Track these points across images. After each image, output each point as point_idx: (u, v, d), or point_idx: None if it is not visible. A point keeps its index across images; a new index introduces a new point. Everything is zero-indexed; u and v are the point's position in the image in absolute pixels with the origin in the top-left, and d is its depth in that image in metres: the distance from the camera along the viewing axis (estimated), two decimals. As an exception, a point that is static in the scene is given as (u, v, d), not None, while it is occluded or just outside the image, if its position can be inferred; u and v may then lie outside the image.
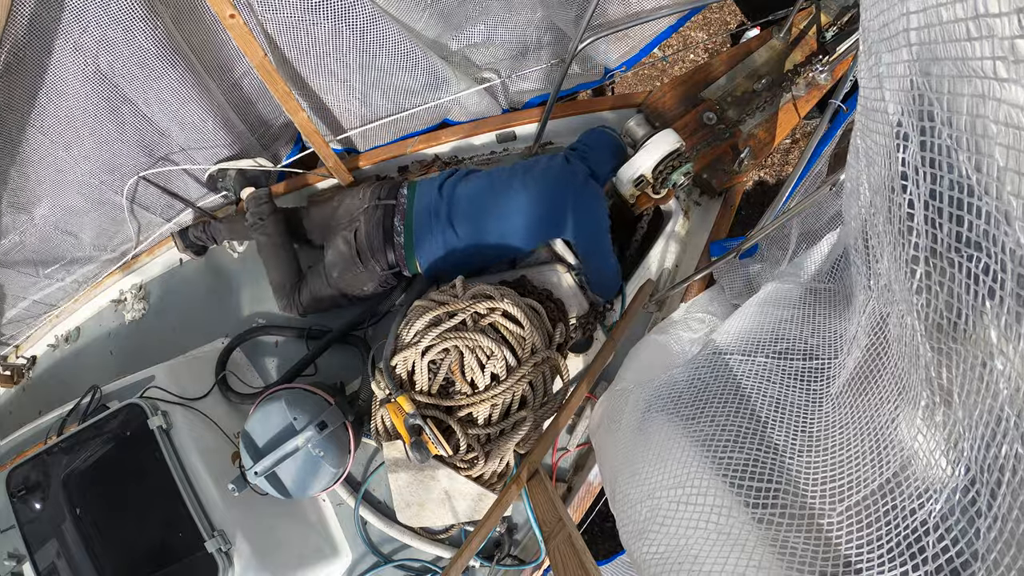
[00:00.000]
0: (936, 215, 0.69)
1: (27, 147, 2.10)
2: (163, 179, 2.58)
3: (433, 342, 1.99)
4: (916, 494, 0.80)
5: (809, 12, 2.74)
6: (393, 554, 2.40)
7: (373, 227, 2.35)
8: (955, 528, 0.69)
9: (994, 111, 0.58)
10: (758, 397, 1.28)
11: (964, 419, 0.68)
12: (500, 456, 1.99)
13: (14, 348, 3.03)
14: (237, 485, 2.01)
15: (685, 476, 1.21)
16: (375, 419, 2.11)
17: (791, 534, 0.95)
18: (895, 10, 0.81)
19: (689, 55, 4.10)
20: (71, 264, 2.73)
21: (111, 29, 1.87)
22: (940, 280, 0.71)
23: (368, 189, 2.44)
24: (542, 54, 2.73)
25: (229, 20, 1.76)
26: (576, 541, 1.43)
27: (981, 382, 0.65)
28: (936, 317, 0.72)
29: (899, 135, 0.82)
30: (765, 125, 2.65)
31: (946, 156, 0.69)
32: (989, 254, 0.62)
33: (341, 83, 2.43)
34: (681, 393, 1.47)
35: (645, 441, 1.45)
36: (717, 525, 1.06)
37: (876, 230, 0.97)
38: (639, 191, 2.51)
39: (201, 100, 2.27)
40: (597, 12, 2.17)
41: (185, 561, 1.99)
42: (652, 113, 2.68)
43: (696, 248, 2.59)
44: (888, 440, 0.92)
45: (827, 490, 0.99)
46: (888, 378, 0.97)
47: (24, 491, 2.13)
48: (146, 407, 2.11)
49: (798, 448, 1.11)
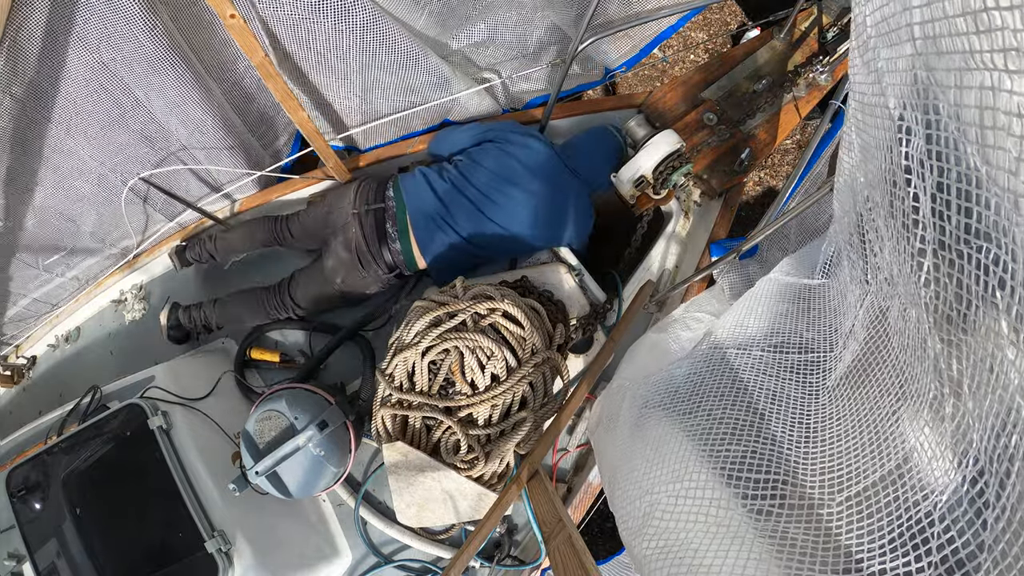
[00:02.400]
0: (944, 207, 0.70)
1: (27, 128, 2.09)
2: (164, 178, 2.57)
3: (433, 342, 1.99)
4: (920, 486, 0.80)
5: (809, 13, 2.76)
6: (393, 554, 2.39)
7: (368, 232, 2.34)
8: (962, 519, 0.69)
9: (1005, 103, 0.58)
10: (754, 390, 1.28)
11: (974, 410, 0.68)
12: (500, 457, 1.99)
13: (14, 348, 3.02)
14: (238, 485, 2.01)
15: (683, 470, 1.21)
16: (376, 419, 2.10)
17: (791, 525, 0.96)
18: (896, 4, 0.81)
19: (689, 55, 4.11)
20: (71, 256, 2.72)
21: (111, 24, 1.87)
22: (949, 272, 0.71)
23: (356, 193, 2.43)
24: (542, 54, 2.74)
25: (229, 20, 1.76)
26: (576, 542, 1.43)
27: (991, 373, 0.65)
28: (945, 309, 0.72)
29: (901, 129, 0.82)
30: (766, 126, 2.66)
31: (953, 149, 0.69)
32: (999, 245, 0.62)
33: (341, 83, 2.43)
34: (678, 388, 1.47)
35: (642, 437, 1.45)
36: (716, 518, 1.06)
37: (874, 224, 0.97)
38: (639, 191, 2.52)
39: (201, 99, 2.27)
40: (597, 12, 2.18)
41: (185, 561, 1.98)
42: (652, 113, 2.68)
43: (696, 249, 2.59)
44: (889, 433, 0.92)
45: (825, 481, 0.99)
46: (888, 371, 0.98)
47: (24, 491, 2.12)
48: (146, 407, 2.10)
49: (795, 440, 1.11)
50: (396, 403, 2.06)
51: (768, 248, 2.47)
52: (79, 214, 2.57)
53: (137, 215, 2.70)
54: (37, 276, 2.72)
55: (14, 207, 2.35)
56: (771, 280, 1.56)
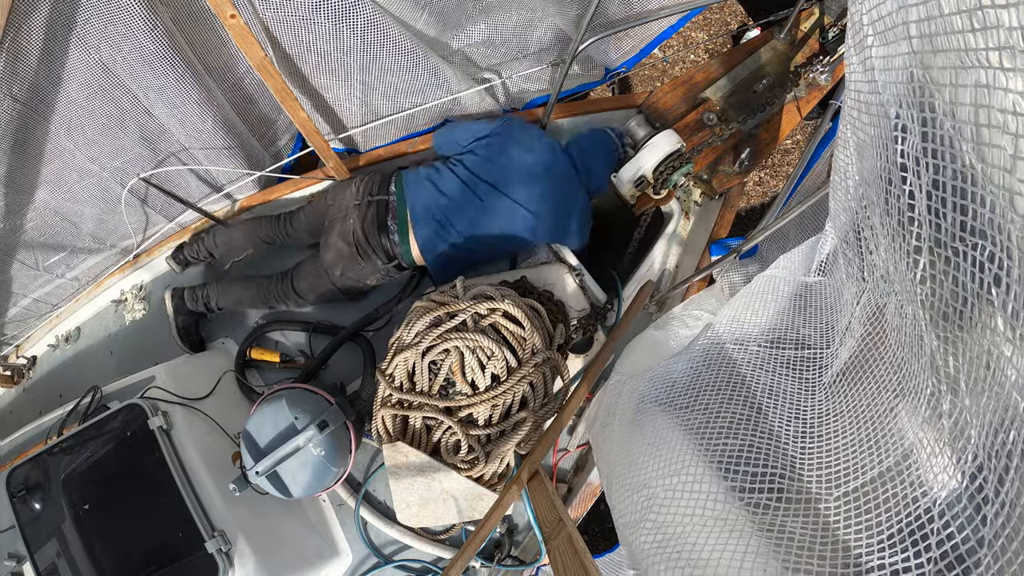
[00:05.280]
0: (940, 205, 0.70)
1: (27, 129, 2.09)
2: (164, 179, 2.57)
3: (433, 343, 1.99)
4: (919, 483, 0.80)
5: (810, 12, 2.76)
6: (394, 555, 2.40)
7: (369, 224, 2.34)
8: (961, 515, 0.69)
9: (1000, 100, 0.59)
10: (751, 385, 1.28)
11: (972, 407, 0.68)
12: (500, 457, 1.99)
13: (14, 348, 3.03)
14: (238, 485, 2.01)
15: (680, 464, 1.21)
16: (376, 419, 2.10)
17: (788, 519, 0.96)
18: (892, 3, 0.81)
19: (689, 55, 4.11)
20: (71, 256, 2.72)
21: (111, 24, 1.87)
22: (945, 269, 0.71)
23: (359, 184, 2.42)
24: (543, 54, 2.74)
25: (230, 20, 1.77)
26: (576, 542, 1.43)
27: (988, 369, 0.66)
28: (941, 306, 0.72)
29: (897, 127, 0.82)
30: (766, 126, 2.66)
31: (948, 146, 0.69)
32: (994, 242, 0.62)
33: (342, 83, 2.43)
34: (675, 382, 1.47)
35: (640, 431, 1.45)
36: (714, 512, 1.06)
37: (870, 222, 0.97)
38: (639, 191, 2.52)
39: (201, 99, 2.27)
40: (598, 12, 2.18)
41: (185, 561, 1.98)
42: (653, 113, 2.68)
43: (696, 249, 2.59)
44: (887, 429, 0.92)
45: (823, 476, 0.99)
46: (886, 368, 0.98)
47: (24, 491, 2.13)
48: (146, 407, 2.10)
49: (792, 435, 1.11)
50: (396, 403, 2.06)
51: (768, 248, 2.47)
52: (79, 214, 2.57)
53: (137, 215, 2.71)
54: (37, 277, 2.73)
55: (14, 208, 2.35)
56: (768, 277, 1.57)
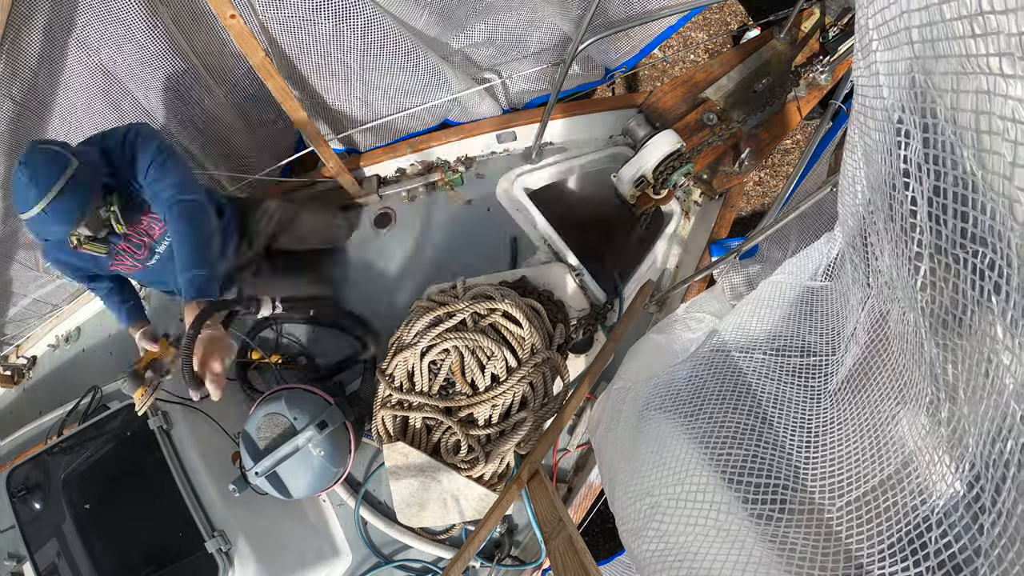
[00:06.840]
0: (940, 211, 0.69)
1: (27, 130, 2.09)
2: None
3: (433, 342, 1.99)
4: (918, 491, 0.80)
5: (810, 12, 2.75)
6: (394, 555, 2.40)
7: None
8: (958, 524, 0.69)
9: (1000, 107, 0.58)
10: (756, 394, 1.27)
11: (970, 415, 0.68)
12: (500, 457, 1.99)
13: (15, 348, 3.03)
14: (238, 485, 2.01)
15: (684, 473, 1.21)
16: (376, 420, 2.10)
17: (791, 529, 0.95)
18: (895, 8, 0.81)
19: (689, 55, 4.10)
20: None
21: (112, 26, 1.87)
22: (945, 276, 0.71)
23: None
24: (543, 54, 2.73)
25: (230, 20, 1.77)
26: (576, 542, 1.43)
27: (987, 377, 0.65)
28: (941, 313, 0.72)
29: (900, 132, 0.82)
30: (766, 125, 2.66)
31: (949, 153, 0.69)
32: (995, 250, 0.62)
33: (342, 83, 2.43)
34: (679, 390, 1.46)
35: (644, 438, 1.45)
36: (716, 522, 1.06)
37: (876, 228, 0.97)
38: (639, 191, 2.51)
39: (201, 100, 2.27)
40: (598, 12, 2.17)
41: (185, 561, 1.99)
42: (652, 113, 2.68)
43: (696, 248, 2.59)
44: (889, 437, 0.92)
45: (827, 485, 0.99)
46: (888, 375, 0.97)
47: (24, 491, 2.13)
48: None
49: (797, 444, 1.11)
50: (396, 404, 2.06)
51: (768, 248, 2.46)
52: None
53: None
54: (37, 277, 2.73)
55: (14, 209, 2.35)
56: (774, 283, 1.56)
